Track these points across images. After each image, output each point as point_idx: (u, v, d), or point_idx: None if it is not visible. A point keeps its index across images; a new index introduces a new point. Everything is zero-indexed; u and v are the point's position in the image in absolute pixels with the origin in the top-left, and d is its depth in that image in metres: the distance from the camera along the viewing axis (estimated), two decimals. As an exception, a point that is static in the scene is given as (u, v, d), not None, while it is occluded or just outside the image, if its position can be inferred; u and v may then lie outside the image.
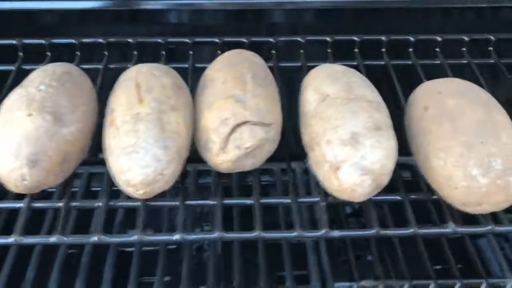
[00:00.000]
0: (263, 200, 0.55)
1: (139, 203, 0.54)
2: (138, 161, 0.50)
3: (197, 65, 0.69)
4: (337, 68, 0.60)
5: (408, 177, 0.79)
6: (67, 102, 0.54)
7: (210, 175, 0.70)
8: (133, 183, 0.50)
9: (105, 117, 0.56)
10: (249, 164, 0.54)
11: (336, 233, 0.53)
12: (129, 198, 0.54)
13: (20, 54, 0.71)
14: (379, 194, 0.53)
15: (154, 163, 0.50)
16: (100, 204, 0.54)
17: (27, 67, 0.69)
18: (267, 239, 0.63)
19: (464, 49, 0.74)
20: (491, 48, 0.74)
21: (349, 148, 0.51)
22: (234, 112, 0.53)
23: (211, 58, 0.64)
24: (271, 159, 0.56)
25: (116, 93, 0.56)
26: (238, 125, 0.53)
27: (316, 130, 0.54)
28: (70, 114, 0.53)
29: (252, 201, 0.55)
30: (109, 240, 0.52)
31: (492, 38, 0.74)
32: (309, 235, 0.54)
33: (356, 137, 0.51)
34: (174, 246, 0.72)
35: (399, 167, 0.58)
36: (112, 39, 0.72)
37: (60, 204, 0.54)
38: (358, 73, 0.60)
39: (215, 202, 0.55)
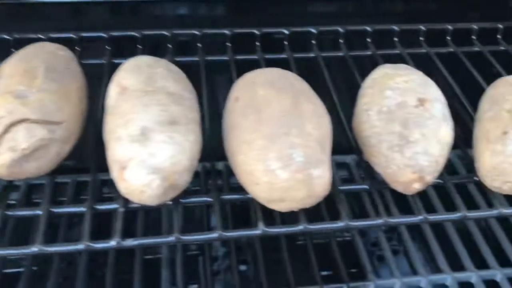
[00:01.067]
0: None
1: None
2: None
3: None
4: (143, 59, 0.54)
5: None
6: None
7: None
8: None
9: None
10: (32, 169, 0.48)
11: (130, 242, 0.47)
12: None
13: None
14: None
15: None
16: None
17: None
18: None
19: (314, 42, 0.71)
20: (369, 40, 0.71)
21: (136, 145, 0.45)
22: (10, 110, 0.47)
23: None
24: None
25: None
26: (14, 124, 0.46)
27: (109, 127, 0.48)
28: None
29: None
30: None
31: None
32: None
33: (147, 132, 0.46)
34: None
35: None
36: None
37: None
38: (168, 63, 0.54)
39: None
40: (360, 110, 0.53)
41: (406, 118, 0.50)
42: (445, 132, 0.51)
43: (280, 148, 0.46)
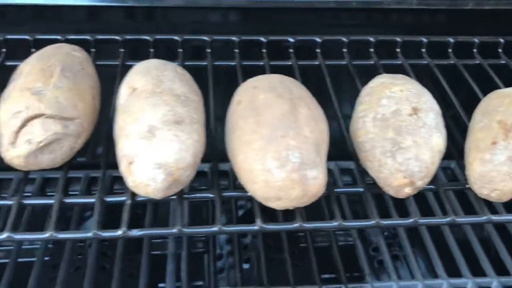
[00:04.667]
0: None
1: None
2: None
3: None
4: (153, 63, 0.57)
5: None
6: None
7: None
8: None
9: None
10: (47, 161, 0.51)
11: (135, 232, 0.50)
12: None
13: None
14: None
15: None
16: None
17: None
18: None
19: (318, 50, 0.73)
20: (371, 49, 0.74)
21: (143, 142, 0.48)
22: (28, 105, 0.50)
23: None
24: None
25: None
26: (31, 118, 0.50)
27: (120, 124, 0.52)
28: None
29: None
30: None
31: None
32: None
33: (154, 130, 0.49)
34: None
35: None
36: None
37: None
38: (177, 67, 0.58)
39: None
40: (357, 117, 0.56)
41: (399, 126, 0.52)
42: (437, 140, 0.53)
43: (277, 149, 0.48)
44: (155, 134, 0.49)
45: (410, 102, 0.54)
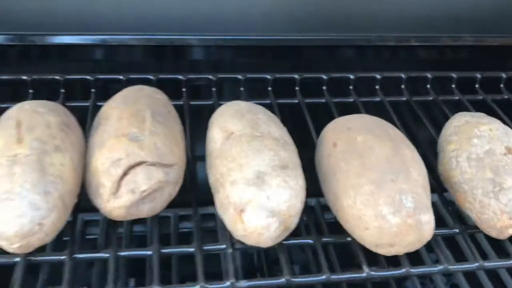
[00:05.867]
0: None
1: (18, 259, 0.47)
2: (12, 210, 0.43)
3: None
4: (242, 105, 0.56)
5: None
6: None
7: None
8: (7, 236, 0.43)
9: None
10: (147, 210, 0.49)
11: (243, 284, 0.48)
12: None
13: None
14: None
15: (31, 212, 0.44)
16: None
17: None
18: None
19: (377, 86, 0.74)
20: (403, 86, 0.75)
21: (254, 189, 0.47)
22: (128, 152, 0.48)
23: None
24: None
25: None
26: (132, 166, 0.48)
27: (220, 170, 0.50)
28: None
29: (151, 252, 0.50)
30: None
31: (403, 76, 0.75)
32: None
33: (262, 176, 0.48)
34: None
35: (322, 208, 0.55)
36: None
37: None
38: (264, 109, 0.57)
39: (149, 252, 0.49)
40: (448, 157, 0.56)
41: (496, 166, 0.53)
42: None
43: (389, 193, 0.48)
44: (265, 181, 0.47)
45: (501, 141, 0.55)
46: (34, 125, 0.49)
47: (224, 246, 0.50)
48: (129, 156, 0.48)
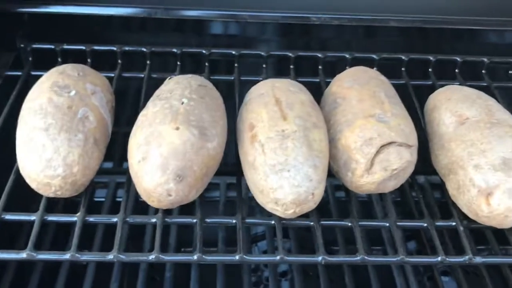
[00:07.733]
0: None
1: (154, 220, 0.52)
2: (290, 180, 0.48)
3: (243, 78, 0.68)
4: (470, 91, 0.59)
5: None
6: (208, 116, 0.52)
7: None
8: (283, 202, 0.49)
9: (238, 132, 0.55)
10: (391, 186, 0.53)
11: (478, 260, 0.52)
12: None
13: (59, 59, 0.69)
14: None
15: (306, 183, 0.49)
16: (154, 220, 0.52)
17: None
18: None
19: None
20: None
21: (500, 174, 0.50)
22: (379, 132, 0.52)
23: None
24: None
25: (251, 107, 0.55)
26: (384, 145, 0.52)
27: (457, 153, 0.53)
28: (212, 129, 0.52)
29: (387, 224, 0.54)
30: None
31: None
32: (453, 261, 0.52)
33: (509, 162, 0.50)
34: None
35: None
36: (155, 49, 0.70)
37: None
38: (490, 97, 0.59)
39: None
40: None
41: None
42: None
43: None
44: (511, 167, 0.50)
45: None
46: (291, 102, 0.54)
47: (454, 223, 0.54)
48: (381, 136, 0.52)
